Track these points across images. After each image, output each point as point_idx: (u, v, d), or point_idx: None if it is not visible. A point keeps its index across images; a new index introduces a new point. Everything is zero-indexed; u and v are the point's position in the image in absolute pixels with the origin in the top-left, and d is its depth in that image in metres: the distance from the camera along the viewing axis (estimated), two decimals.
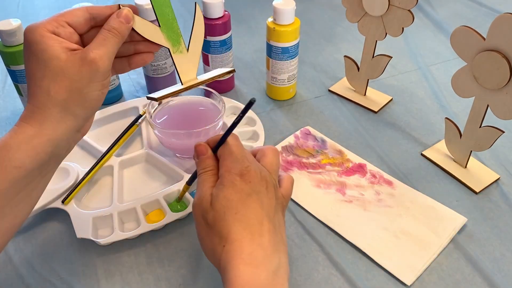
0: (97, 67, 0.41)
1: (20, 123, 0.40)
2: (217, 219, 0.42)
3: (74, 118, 0.41)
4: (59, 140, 0.41)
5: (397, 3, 0.65)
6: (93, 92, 0.41)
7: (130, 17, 0.44)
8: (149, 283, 0.52)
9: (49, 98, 0.40)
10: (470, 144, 0.62)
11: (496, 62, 0.53)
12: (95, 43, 0.41)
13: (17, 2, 1.12)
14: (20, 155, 0.38)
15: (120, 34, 0.43)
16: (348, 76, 0.79)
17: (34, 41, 0.40)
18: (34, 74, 0.40)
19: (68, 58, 0.40)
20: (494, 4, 1.06)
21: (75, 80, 0.40)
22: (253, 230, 0.41)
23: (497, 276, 0.52)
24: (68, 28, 0.42)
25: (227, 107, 0.72)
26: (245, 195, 0.42)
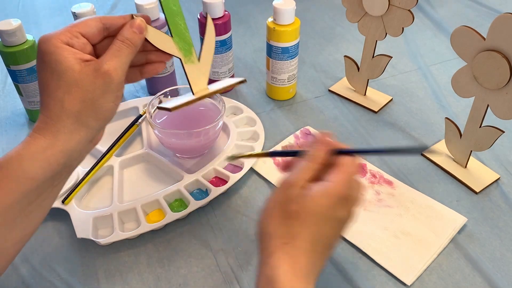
0: (111, 79, 0.41)
1: (33, 134, 0.40)
2: (298, 216, 0.39)
3: (87, 129, 0.41)
4: (72, 151, 0.41)
5: (397, 3, 0.65)
6: (107, 103, 0.41)
7: (143, 27, 0.44)
8: (149, 283, 0.52)
9: (63, 109, 0.40)
10: (470, 144, 0.62)
11: (496, 62, 0.53)
12: (108, 54, 0.41)
13: (17, 2, 1.13)
14: (33, 166, 0.38)
15: (134, 45, 0.43)
16: (348, 76, 0.79)
17: (48, 51, 0.40)
18: (47, 85, 0.40)
19: (82, 69, 0.40)
20: (494, 4, 1.06)
21: (89, 91, 0.40)
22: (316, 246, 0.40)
23: (497, 276, 0.52)
24: (82, 38, 0.42)
25: (227, 107, 0.72)
26: (333, 218, 0.40)
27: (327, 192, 0.40)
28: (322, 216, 0.39)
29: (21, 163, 0.38)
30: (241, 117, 0.72)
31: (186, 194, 0.59)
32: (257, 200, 0.61)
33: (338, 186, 0.40)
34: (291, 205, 0.40)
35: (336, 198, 0.39)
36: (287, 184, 0.41)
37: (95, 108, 0.41)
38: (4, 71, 0.87)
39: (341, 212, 0.40)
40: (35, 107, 0.73)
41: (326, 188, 0.40)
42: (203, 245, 0.56)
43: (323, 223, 0.40)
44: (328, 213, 0.39)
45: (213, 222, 0.59)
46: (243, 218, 0.59)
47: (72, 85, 0.39)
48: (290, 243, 0.39)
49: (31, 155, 0.39)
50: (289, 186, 0.40)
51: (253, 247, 0.56)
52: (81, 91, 0.40)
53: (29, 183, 0.38)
